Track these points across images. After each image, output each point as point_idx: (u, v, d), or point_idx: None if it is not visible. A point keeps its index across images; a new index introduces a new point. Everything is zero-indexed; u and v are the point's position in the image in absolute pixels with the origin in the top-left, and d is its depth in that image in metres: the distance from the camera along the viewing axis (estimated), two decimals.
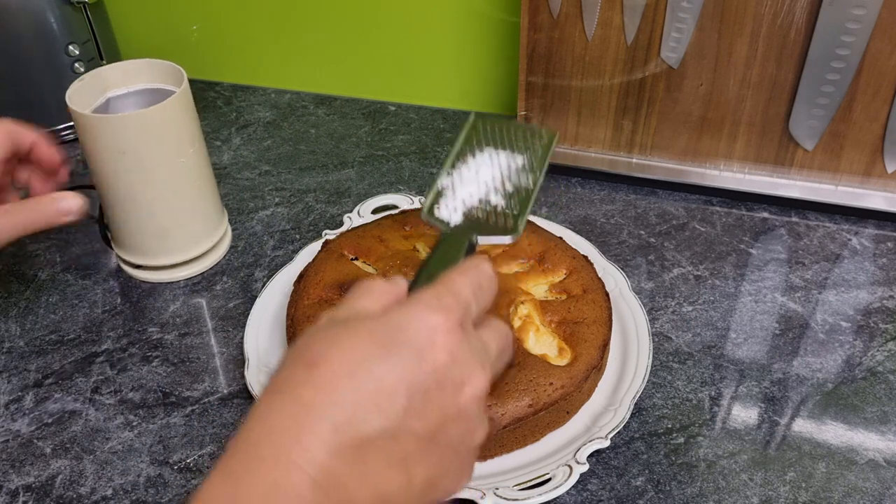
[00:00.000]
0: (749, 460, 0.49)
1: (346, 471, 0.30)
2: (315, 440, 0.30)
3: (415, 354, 0.32)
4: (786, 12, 0.63)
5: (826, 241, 0.67)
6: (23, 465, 0.50)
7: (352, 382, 0.31)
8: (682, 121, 0.70)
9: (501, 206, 0.43)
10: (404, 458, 0.32)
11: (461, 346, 0.34)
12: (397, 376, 0.32)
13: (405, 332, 0.33)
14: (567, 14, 0.68)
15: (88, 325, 0.60)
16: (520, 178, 0.45)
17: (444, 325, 0.33)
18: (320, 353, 0.32)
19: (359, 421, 0.31)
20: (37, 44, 0.76)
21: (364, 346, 0.32)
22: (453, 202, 0.44)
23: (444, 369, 0.33)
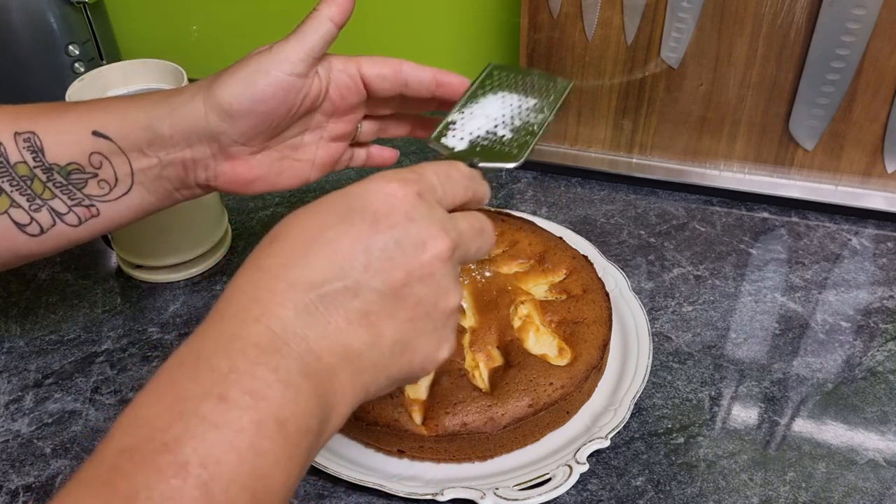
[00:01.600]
0: (749, 460, 0.49)
1: (305, 323, 0.31)
2: (272, 297, 0.31)
3: (370, 218, 0.33)
4: (786, 12, 0.63)
5: (826, 241, 0.67)
6: (23, 466, 0.50)
7: (309, 248, 0.33)
8: (682, 121, 0.70)
9: (507, 138, 0.45)
10: (366, 314, 0.33)
11: (418, 209, 0.34)
12: (353, 238, 0.33)
13: (361, 199, 0.34)
14: (567, 14, 0.68)
15: (88, 325, 0.60)
16: (528, 117, 0.46)
17: (399, 190, 0.34)
18: (280, 229, 0.34)
19: (316, 279, 0.32)
20: (37, 44, 0.76)
21: (321, 217, 0.34)
22: (461, 133, 0.45)
23: (401, 230, 0.34)
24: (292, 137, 0.48)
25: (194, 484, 0.26)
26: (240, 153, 0.46)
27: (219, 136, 0.45)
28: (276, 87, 0.44)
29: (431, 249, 0.34)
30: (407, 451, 0.49)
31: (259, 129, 0.46)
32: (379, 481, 0.47)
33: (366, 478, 0.47)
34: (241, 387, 0.29)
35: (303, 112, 0.47)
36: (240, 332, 0.30)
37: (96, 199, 0.45)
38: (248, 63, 0.45)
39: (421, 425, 0.48)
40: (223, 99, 0.44)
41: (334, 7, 0.46)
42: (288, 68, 0.44)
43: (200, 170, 0.46)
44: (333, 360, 0.32)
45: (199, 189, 0.48)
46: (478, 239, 0.38)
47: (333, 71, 0.47)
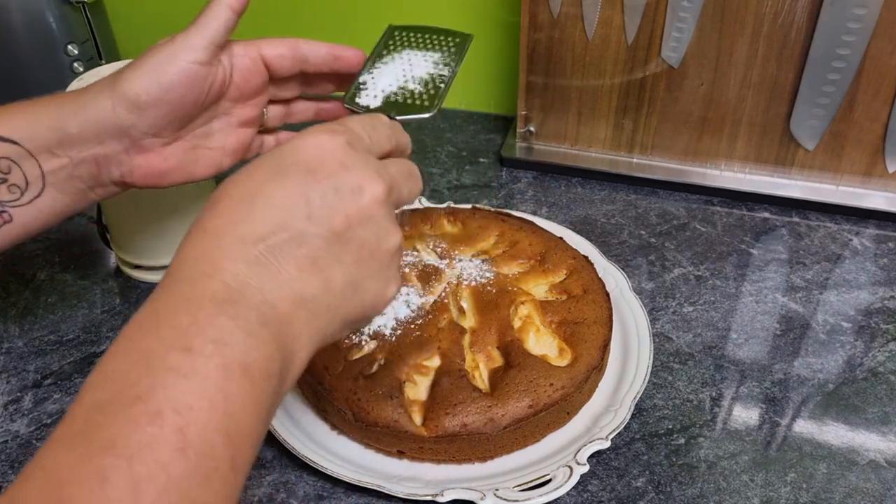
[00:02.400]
0: (750, 461, 0.49)
1: (257, 274, 0.32)
2: (221, 253, 0.32)
3: (305, 169, 0.35)
4: (786, 12, 0.63)
5: (827, 241, 0.67)
6: (22, 466, 0.50)
7: (251, 204, 0.33)
8: (682, 121, 0.70)
9: (418, 91, 0.47)
10: (315, 260, 0.34)
11: (350, 157, 0.36)
12: (292, 189, 0.34)
13: (294, 153, 0.35)
14: (567, 14, 0.68)
15: (87, 325, 0.60)
16: (434, 70, 0.49)
17: (330, 141, 0.36)
18: (219, 192, 0.35)
19: (262, 232, 0.33)
20: (36, 43, 0.76)
21: (258, 174, 0.35)
22: (373, 91, 0.47)
23: (337, 178, 0.35)
24: (201, 126, 0.49)
25: (170, 430, 0.27)
26: (152, 145, 0.46)
27: (129, 130, 0.45)
28: (183, 76, 0.45)
29: (368, 193, 0.35)
30: (407, 452, 0.49)
31: (169, 119, 0.46)
32: (378, 482, 0.46)
33: (365, 479, 0.47)
34: (204, 336, 0.30)
35: (211, 100, 0.48)
36: (195, 290, 0.31)
37: (8, 205, 0.45)
38: (152, 54, 0.45)
39: (421, 426, 0.48)
40: (132, 91, 0.44)
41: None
42: (192, 56, 0.45)
43: (114, 166, 0.46)
44: (288, 307, 0.33)
45: (115, 186, 0.48)
46: (409, 181, 0.39)
47: (235, 56, 0.48)
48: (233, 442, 0.29)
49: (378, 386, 0.49)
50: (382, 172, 0.37)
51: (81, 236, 0.68)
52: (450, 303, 0.54)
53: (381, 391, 0.48)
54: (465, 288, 0.55)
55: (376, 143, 0.39)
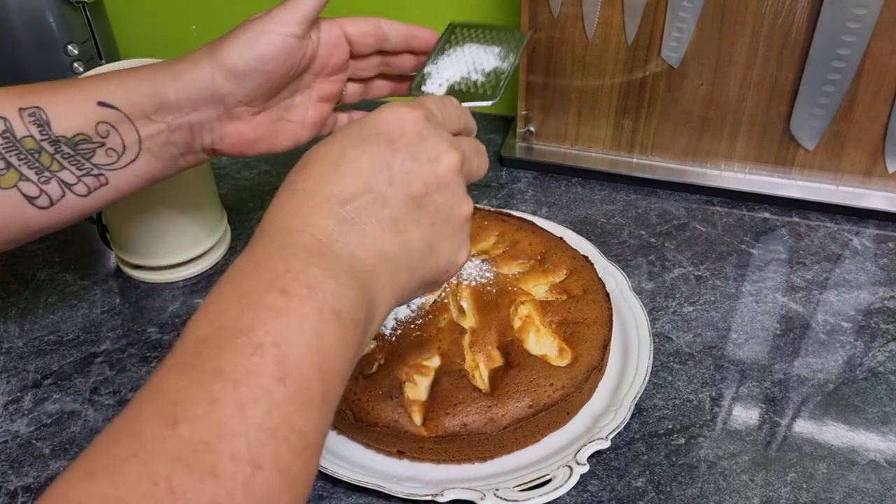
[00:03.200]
0: (750, 461, 0.49)
1: (345, 231, 0.35)
2: (311, 210, 0.35)
3: (386, 138, 0.37)
4: (786, 12, 0.63)
5: (827, 241, 0.67)
6: (21, 466, 0.50)
7: (336, 168, 0.36)
8: (682, 121, 0.70)
9: (480, 81, 0.50)
10: (395, 221, 0.36)
11: (427, 129, 0.38)
12: (374, 156, 0.36)
13: (375, 124, 0.37)
14: (567, 14, 0.68)
15: (87, 325, 0.60)
16: (495, 62, 0.51)
17: (409, 114, 0.38)
18: (306, 158, 0.37)
19: (348, 193, 0.35)
20: (36, 43, 0.76)
21: (342, 142, 0.37)
22: (437, 81, 0.50)
23: (416, 147, 0.37)
24: (286, 98, 0.51)
25: (271, 360, 0.29)
26: (243, 114, 0.49)
27: (224, 98, 0.47)
28: (278, 48, 0.47)
29: (444, 162, 0.38)
30: (407, 452, 0.49)
31: (262, 89, 0.48)
32: (378, 482, 0.46)
33: (365, 479, 0.47)
34: (299, 282, 0.32)
35: (299, 72, 0.50)
36: (288, 241, 0.34)
37: (105, 168, 0.47)
38: (249, 26, 0.47)
39: (421, 426, 0.48)
40: (230, 59, 0.46)
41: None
42: (287, 30, 0.47)
43: (206, 133, 0.48)
44: (373, 262, 0.35)
45: (204, 153, 0.50)
46: (478, 157, 0.42)
47: (322, 31, 0.50)
48: (325, 376, 0.31)
49: (378, 386, 0.49)
50: (456, 145, 0.39)
51: (81, 236, 0.68)
52: (450, 303, 0.54)
53: (381, 391, 0.48)
54: (465, 288, 0.55)
55: (448, 120, 0.41)
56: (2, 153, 0.44)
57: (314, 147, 0.38)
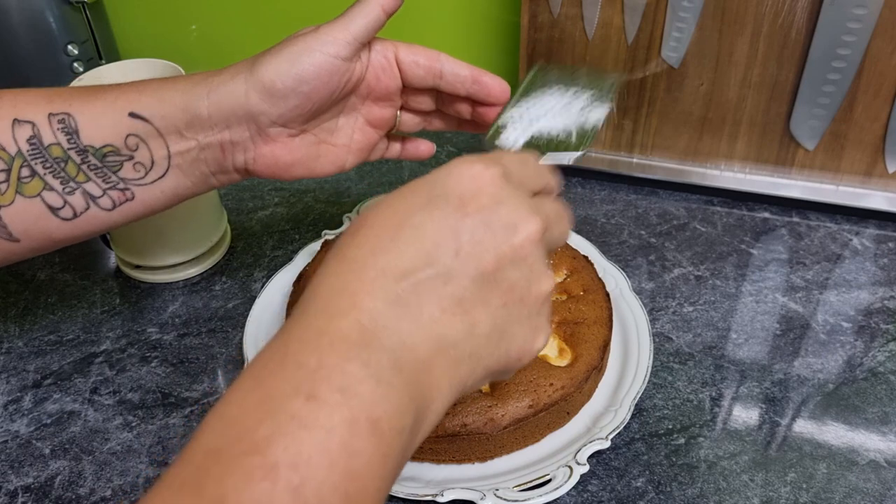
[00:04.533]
0: (750, 461, 0.49)
1: (397, 314, 0.30)
2: (360, 287, 0.30)
3: (456, 201, 0.32)
4: (787, 12, 0.62)
5: (827, 241, 0.67)
6: (21, 466, 0.50)
7: (396, 234, 0.31)
8: (682, 121, 0.70)
9: (564, 134, 0.45)
10: (460, 301, 0.31)
11: (505, 190, 0.33)
12: (441, 222, 0.32)
13: (444, 182, 0.33)
14: (567, 14, 0.68)
15: (87, 325, 0.60)
16: (583, 112, 0.46)
17: (485, 172, 0.33)
18: (363, 219, 0.33)
19: (406, 267, 0.31)
20: (36, 43, 0.75)
21: (406, 204, 0.32)
22: (517, 132, 0.45)
23: (491, 212, 0.32)
24: (328, 120, 0.48)
25: (284, 487, 0.25)
26: (278, 135, 0.46)
27: (258, 117, 0.44)
28: (321, 68, 0.44)
29: (523, 231, 0.33)
30: None
31: (300, 111, 0.45)
32: None
33: None
34: (331, 384, 0.28)
35: (343, 95, 0.47)
36: (327, 327, 0.29)
37: (131, 183, 0.45)
38: (293, 42, 0.44)
39: None
40: (266, 77, 0.43)
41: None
42: (333, 50, 0.44)
43: (239, 152, 0.46)
44: (428, 352, 0.30)
45: (237, 174, 0.47)
46: (560, 223, 0.37)
47: (373, 52, 0.47)
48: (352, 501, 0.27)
49: None
50: (538, 210, 0.34)
51: None
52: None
53: None
54: None
55: (528, 180, 0.36)
56: (28, 160, 0.42)
57: (373, 207, 0.33)
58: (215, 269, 0.65)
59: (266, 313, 0.58)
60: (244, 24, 0.87)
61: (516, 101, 0.47)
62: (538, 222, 0.33)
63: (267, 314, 0.58)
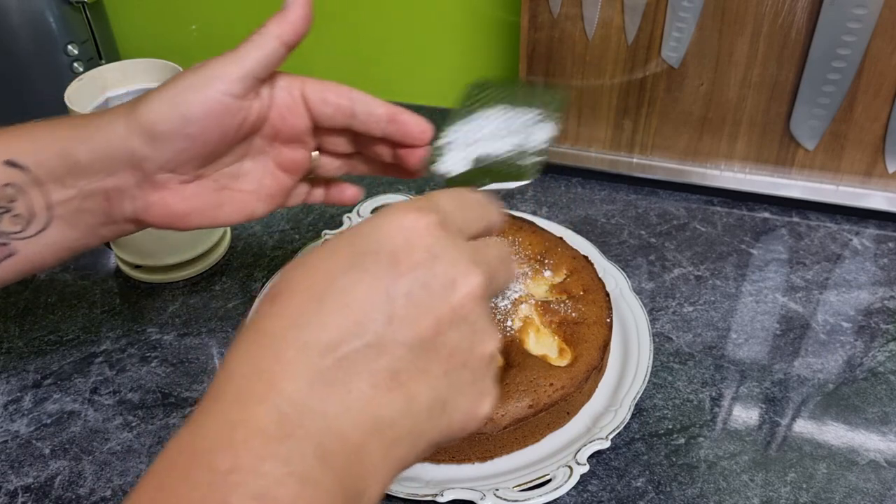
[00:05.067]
0: (750, 461, 0.49)
1: (322, 396, 0.26)
2: (280, 368, 0.26)
3: (388, 258, 0.28)
4: (787, 12, 0.62)
5: (827, 241, 0.66)
6: (21, 466, 0.50)
7: (321, 302, 0.28)
8: (682, 121, 0.70)
9: (510, 155, 0.41)
10: (395, 374, 0.28)
11: (442, 242, 0.29)
12: (371, 285, 0.28)
13: (375, 237, 0.29)
14: (567, 14, 0.67)
15: (87, 325, 0.60)
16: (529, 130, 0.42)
17: (418, 222, 0.29)
18: (284, 282, 0.29)
19: (331, 340, 0.27)
20: (35, 43, 0.75)
21: (330, 264, 0.29)
22: (457, 155, 0.41)
23: (427, 269, 0.29)
24: (231, 164, 0.43)
25: None
26: (168, 182, 0.41)
27: (142, 162, 0.40)
28: (208, 108, 0.39)
29: (463, 288, 0.29)
30: None
31: (188, 155, 0.40)
32: None
33: None
34: (245, 490, 0.24)
35: (241, 136, 0.42)
36: (242, 418, 0.26)
37: (11, 237, 0.40)
38: (178, 80, 0.40)
39: None
40: (147, 118, 0.39)
41: (285, 24, 0.40)
42: (223, 87, 0.39)
43: (126, 201, 0.41)
44: (360, 436, 0.27)
45: (128, 224, 0.43)
46: (505, 268, 0.33)
47: (276, 89, 0.43)
48: None
49: None
50: (479, 261, 0.30)
51: None
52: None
53: None
54: None
55: (468, 223, 0.32)
56: None
57: (292, 268, 0.29)
58: (215, 269, 0.65)
59: None
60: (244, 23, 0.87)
61: (456, 120, 0.43)
62: (479, 275, 0.30)
63: None
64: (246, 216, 0.45)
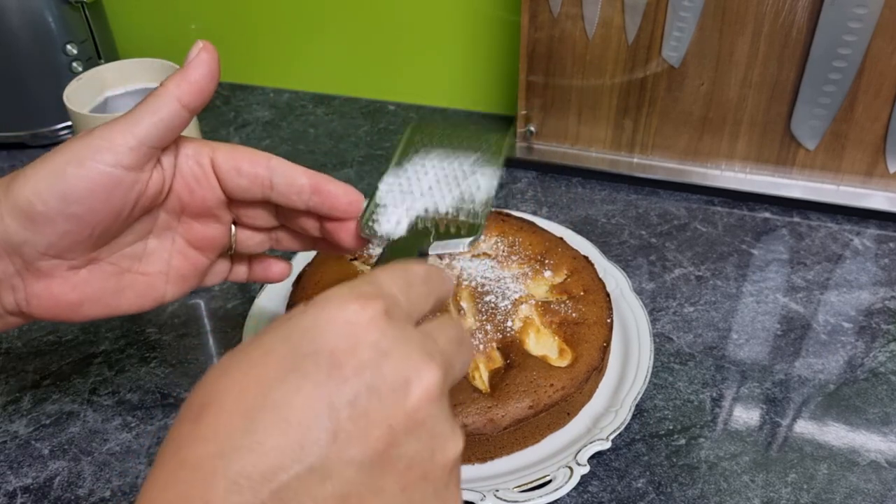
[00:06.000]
0: (751, 462, 0.49)
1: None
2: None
3: (329, 361, 0.25)
4: (787, 11, 0.62)
5: (828, 241, 0.66)
6: (21, 467, 0.50)
7: (250, 422, 0.24)
8: (683, 120, 0.70)
9: (453, 210, 0.38)
10: (345, 499, 0.24)
11: (390, 336, 0.26)
12: (311, 396, 0.24)
13: (312, 335, 0.25)
14: (567, 13, 0.67)
15: (86, 325, 0.60)
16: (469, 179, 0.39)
17: (362, 314, 0.26)
18: (208, 396, 0.24)
19: (269, 467, 0.23)
20: (34, 43, 0.75)
21: (260, 371, 0.25)
22: (394, 213, 0.39)
23: (374, 370, 0.25)
24: (132, 244, 0.38)
25: None
26: (53, 269, 0.36)
27: (20, 248, 0.34)
28: (94, 183, 0.34)
29: (417, 388, 0.25)
30: None
31: (75, 237, 0.35)
32: None
33: None
34: None
35: (139, 213, 0.37)
36: None
37: None
38: (60, 152, 0.34)
39: None
40: (22, 197, 0.33)
41: (184, 84, 0.35)
42: (111, 158, 0.34)
43: (6, 292, 0.36)
44: None
45: (12, 317, 0.37)
46: (461, 352, 0.29)
47: (181, 157, 0.38)
48: None
49: None
50: (432, 350, 0.27)
51: None
52: (449, 303, 0.53)
53: None
54: (465, 289, 0.54)
55: (415, 304, 0.29)
56: None
57: (217, 373, 0.25)
58: None
59: (265, 314, 0.58)
60: (243, 23, 0.87)
61: (391, 174, 0.40)
62: (434, 370, 0.26)
63: (266, 315, 0.58)
64: (153, 302, 0.40)
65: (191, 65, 0.35)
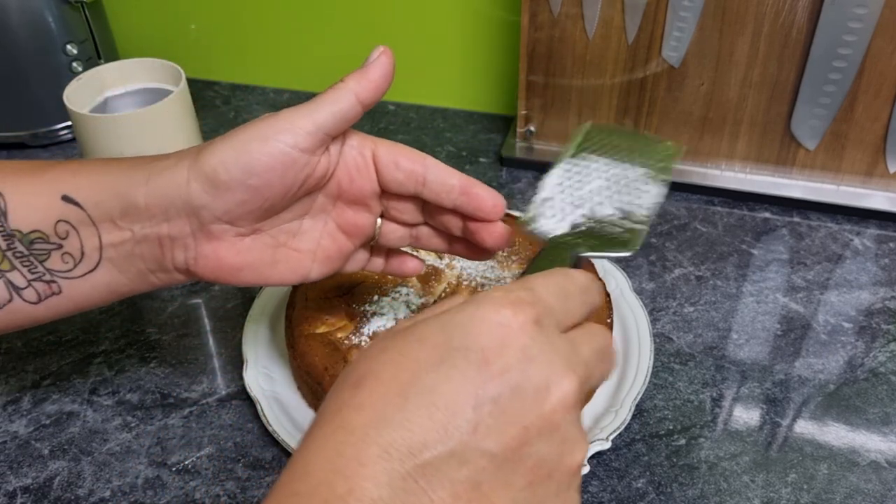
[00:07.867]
0: (751, 462, 0.49)
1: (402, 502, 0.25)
2: (360, 469, 0.25)
3: (478, 358, 0.27)
4: (787, 11, 0.62)
5: (828, 241, 0.66)
6: (20, 467, 0.50)
7: (403, 399, 0.26)
8: (683, 120, 0.70)
9: (614, 219, 0.39)
10: (477, 485, 0.26)
11: (537, 342, 0.28)
12: (459, 386, 0.27)
13: (466, 331, 0.28)
14: (568, 13, 0.67)
15: (86, 325, 0.60)
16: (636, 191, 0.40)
17: (513, 318, 0.28)
18: (367, 369, 0.28)
19: (415, 443, 0.26)
20: (34, 43, 0.75)
21: (417, 354, 0.27)
22: (558, 212, 0.39)
23: (518, 372, 0.27)
24: (290, 221, 0.41)
25: None
26: (223, 233, 0.39)
27: (199, 211, 0.38)
28: (274, 159, 0.38)
29: (556, 394, 0.28)
30: None
31: (249, 207, 0.39)
32: None
33: None
34: None
35: (303, 193, 0.40)
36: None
37: (59, 275, 0.40)
38: (246, 128, 0.38)
39: None
40: (209, 165, 0.37)
41: (364, 82, 0.39)
42: (291, 140, 0.38)
43: (179, 250, 0.39)
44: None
45: (179, 273, 0.41)
46: (602, 363, 0.31)
47: (346, 147, 0.41)
48: None
49: None
50: (574, 361, 0.29)
51: None
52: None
53: None
54: (465, 289, 0.54)
55: (569, 314, 0.31)
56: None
57: (378, 351, 0.28)
58: None
59: (265, 314, 0.58)
60: (243, 23, 0.87)
61: (560, 173, 0.41)
62: (574, 380, 0.28)
63: (266, 315, 0.58)
64: (299, 277, 0.42)
65: (371, 65, 0.40)
